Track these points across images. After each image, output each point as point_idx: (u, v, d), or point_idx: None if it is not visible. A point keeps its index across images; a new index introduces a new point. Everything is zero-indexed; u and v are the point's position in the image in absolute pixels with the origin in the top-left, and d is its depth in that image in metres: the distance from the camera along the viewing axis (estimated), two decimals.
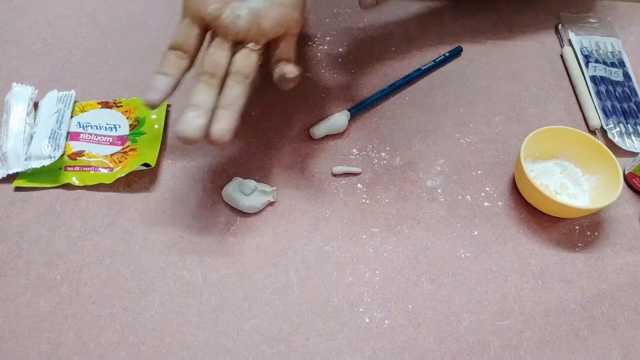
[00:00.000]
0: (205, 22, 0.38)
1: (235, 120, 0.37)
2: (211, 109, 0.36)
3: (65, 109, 0.48)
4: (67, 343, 0.37)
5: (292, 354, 0.37)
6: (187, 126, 0.35)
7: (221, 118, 0.36)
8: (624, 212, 0.47)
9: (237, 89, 0.37)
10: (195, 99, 0.36)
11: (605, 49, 0.60)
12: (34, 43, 0.56)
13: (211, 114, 0.36)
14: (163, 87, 0.37)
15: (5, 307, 0.39)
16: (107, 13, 0.60)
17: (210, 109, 0.36)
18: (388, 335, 0.39)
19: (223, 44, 0.38)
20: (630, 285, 0.42)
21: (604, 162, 0.46)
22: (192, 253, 0.42)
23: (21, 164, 0.45)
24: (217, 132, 0.36)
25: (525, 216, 0.46)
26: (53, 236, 0.42)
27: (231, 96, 0.37)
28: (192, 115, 0.36)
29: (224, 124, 0.36)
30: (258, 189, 0.44)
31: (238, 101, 0.37)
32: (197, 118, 0.35)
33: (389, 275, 0.42)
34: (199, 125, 0.35)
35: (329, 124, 0.49)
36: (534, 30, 0.62)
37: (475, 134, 0.51)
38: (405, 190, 0.47)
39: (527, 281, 0.42)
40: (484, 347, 0.38)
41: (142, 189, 0.45)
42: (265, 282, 0.41)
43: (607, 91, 0.55)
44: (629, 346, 0.39)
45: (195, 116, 0.35)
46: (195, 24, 0.38)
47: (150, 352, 0.37)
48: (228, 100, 0.37)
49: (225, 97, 0.37)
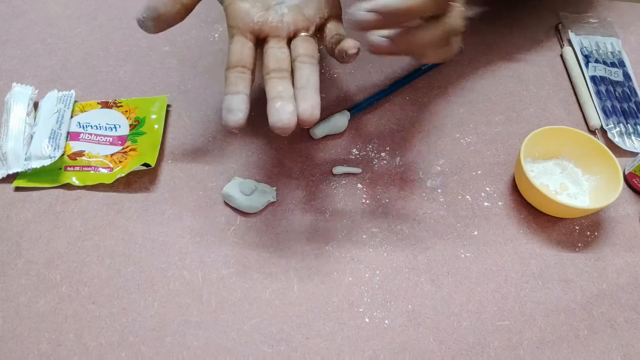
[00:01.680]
0: (255, 32, 0.39)
1: (318, 97, 0.37)
2: (292, 96, 0.37)
3: (65, 109, 0.49)
4: (67, 343, 0.37)
5: (292, 354, 0.37)
6: (279, 115, 0.35)
7: (303, 98, 0.36)
8: (624, 212, 0.47)
9: (307, 67, 0.38)
10: (273, 92, 0.37)
11: (605, 49, 0.60)
12: (34, 43, 0.56)
13: (293, 102, 0.36)
14: (240, 105, 0.37)
15: (5, 307, 0.39)
16: (107, 13, 0.60)
17: (292, 96, 0.37)
18: (388, 335, 0.39)
19: (278, 43, 0.39)
20: (630, 285, 0.42)
21: (604, 162, 0.46)
22: (192, 253, 0.42)
23: (21, 164, 0.45)
24: (306, 111, 0.36)
25: (525, 216, 0.46)
26: (53, 236, 0.42)
27: (304, 75, 0.38)
28: (279, 105, 0.36)
29: (309, 102, 0.36)
30: (258, 189, 0.44)
31: (312, 78, 0.38)
32: (285, 105, 0.36)
33: (389, 275, 0.42)
34: (290, 111, 0.35)
35: (329, 124, 0.49)
36: (534, 30, 0.62)
37: (475, 134, 0.51)
38: (405, 190, 0.47)
39: (527, 281, 0.42)
40: (484, 347, 0.38)
41: (142, 189, 0.45)
42: (265, 282, 0.41)
43: (607, 91, 0.55)
44: (629, 346, 0.39)
45: (282, 104, 0.36)
46: (246, 37, 0.39)
47: (150, 352, 0.37)
48: (303, 80, 0.37)
49: (299, 78, 0.38)
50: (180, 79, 0.54)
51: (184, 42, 0.57)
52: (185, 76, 0.54)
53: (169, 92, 0.52)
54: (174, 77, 0.54)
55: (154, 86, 0.53)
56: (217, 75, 0.54)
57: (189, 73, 0.54)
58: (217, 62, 0.55)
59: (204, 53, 0.56)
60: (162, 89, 0.53)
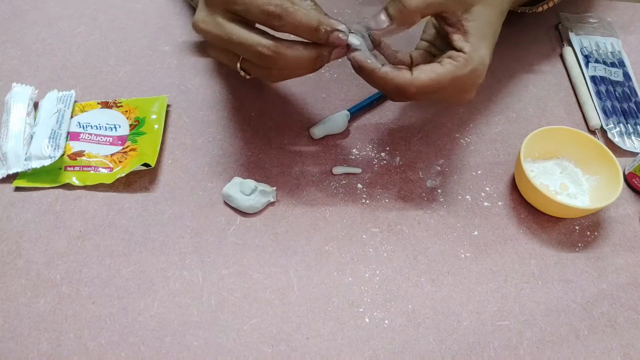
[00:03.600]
0: None
1: None
2: None
3: (65, 109, 0.49)
4: (67, 343, 0.37)
5: (292, 354, 0.37)
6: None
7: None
8: (624, 212, 0.47)
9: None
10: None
11: (605, 49, 0.60)
12: (34, 43, 0.56)
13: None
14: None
15: (5, 307, 0.39)
16: (107, 13, 0.60)
17: None
18: (388, 335, 0.39)
19: None
20: (630, 285, 0.42)
21: (604, 162, 0.46)
22: (192, 253, 0.42)
23: (21, 164, 0.45)
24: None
25: (525, 216, 0.46)
26: (53, 236, 0.42)
27: None
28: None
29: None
30: (258, 189, 0.44)
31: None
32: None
33: (389, 275, 0.42)
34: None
35: (329, 124, 0.49)
36: (534, 30, 0.62)
37: (475, 133, 0.51)
38: (405, 190, 0.47)
39: (527, 281, 0.42)
40: (484, 347, 0.38)
41: (142, 189, 0.45)
42: (265, 282, 0.41)
43: (607, 91, 0.55)
44: (629, 346, 0.39)
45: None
46: None
47: (150, 352, 0.37)
48: None
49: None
50: (180, 79, 0.54)
51: (184, 42, 0.57)
52: (185, 76, 0.54)
53: (169, 92, 0.52)
54: (174, 77, 0.54)
55: (154, 86, 0.53)
56: (217, 75, 0.54)
57: (189, 73, 0.54)
58: (217, 62, 0.55)
59: (204, 53, 0.56)
60: (162, 89, 0.53)
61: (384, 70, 0.38)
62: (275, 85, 0.54)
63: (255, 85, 0.53)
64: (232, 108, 0.52)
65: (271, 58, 0.36)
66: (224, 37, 0.36)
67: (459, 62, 0.37)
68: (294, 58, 0.36)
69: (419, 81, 0.37)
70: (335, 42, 0.37)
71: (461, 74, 0.38)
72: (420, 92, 0.38)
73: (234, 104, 0.52)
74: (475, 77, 0.39)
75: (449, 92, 0.39)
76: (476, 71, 0.38)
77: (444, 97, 0.40)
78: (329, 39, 0.36)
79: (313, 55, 0.37)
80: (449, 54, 0.38)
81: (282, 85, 0.54)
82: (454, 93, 0.40)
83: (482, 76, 0.39)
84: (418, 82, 0.37)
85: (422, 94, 0.38)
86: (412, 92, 0.38)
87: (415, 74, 0.38)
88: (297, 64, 0.37)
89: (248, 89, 0.53)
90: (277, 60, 0.36)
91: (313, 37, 0.37)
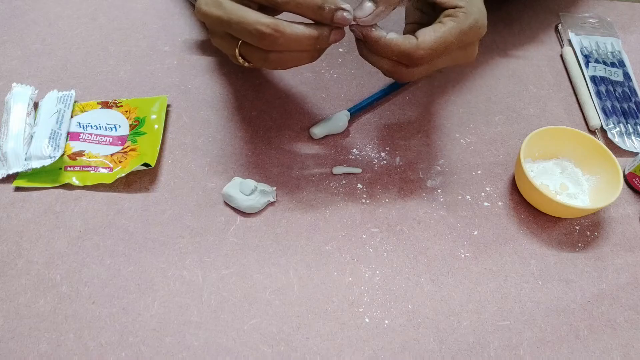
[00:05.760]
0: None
1: None
2: None
3: (65, 109, 0.49)
4: (67, 343, 0.37)
5: (292, 354, 0.37)
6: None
7: None
8: (624, 212, 0.47)
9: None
10: None
11: (605, 49, 0.60)
12: (34, 43, 0.56)
13: None
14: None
15: (5, 307, 0.39)
16: (107, 13, 0.60)
17: None
18: (388, 335, 0.39)
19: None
20: (630, 285, 0.42)
21: (604, 162, 0.46)
22: (192, 253, 0.42)
23: (21, 164, 0.45)
24: None
25: (525, 216, 0.46)
26: (53, 236, 0.42)
27: None
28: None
29: None
30: (258, 189, 0.44)
31: None
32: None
33: (389, 275, 0.42)
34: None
35: (329, 124, 0.49)
36: (534, 30, 0.62)
37: (475, 133, 0.51)
38: (405, 190, 0.47)
39: (527, 281, 0.42)
40: (484, 347, 0.38)
41: (142, 189, 0.45)
42: (265, 282, 0.41)
43: (607, 91, 0.55)
44: (629, 346, 0.39)
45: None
46: None
47: (150, 352, 0.37)
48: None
49: None
50: (180, 79, 0.54)
51: (184, 42, 0.57)
52: (185, 76, 0.54)
53: (169, 92, 0.52)
54: (174, 77, 0.54)
55: (154, 86, 0.53)
56: (217, 75, 0.54)
57: (189, 73, 0.54)
58: (217, 62, 0.55)
59: (204, 53, 0.56)
60: (162, 89, 0.53)
61: (390, 37, 0.37)
62: (275, 85, 0.54)
63: (255, 85, 0.53)
64: (232, 108, 0.52)
65: (270, 37, 0.35)
66: (224, 19, 0.36)
67: (460, 17, 0.37)
68: (293, 37, 0.36)
69: (425, 43, 0.37)
70: (339, 22, 0.36)
71: (465, 26, 0.38)
72: (428, 55, 0.37)
73: (234, 104, 0.52)
74: (478, 27, 0.39)
75: (455, 51, 0.39)
76: (478, 21, 0.38)
77: (451, 58, 0.40)
78: (333, 17, 0.36)
79: (314, 34, 0.36)
80: (447, 13, 0.38)
81: (282, 85, 0.54)
82: (459, 51, 0.40)
83: (484, 26, 0.39)
84: (425, 44, 0.37)
85: (430, 57, 0.38)
86: (420, 56, 0.37)
87: (420, 38, 0.37)
88: (296, 43, 0.36)
89: (248, 89, 0.53)
90: (277, 39, 0.35)
91: (316, 16, 0.36)
